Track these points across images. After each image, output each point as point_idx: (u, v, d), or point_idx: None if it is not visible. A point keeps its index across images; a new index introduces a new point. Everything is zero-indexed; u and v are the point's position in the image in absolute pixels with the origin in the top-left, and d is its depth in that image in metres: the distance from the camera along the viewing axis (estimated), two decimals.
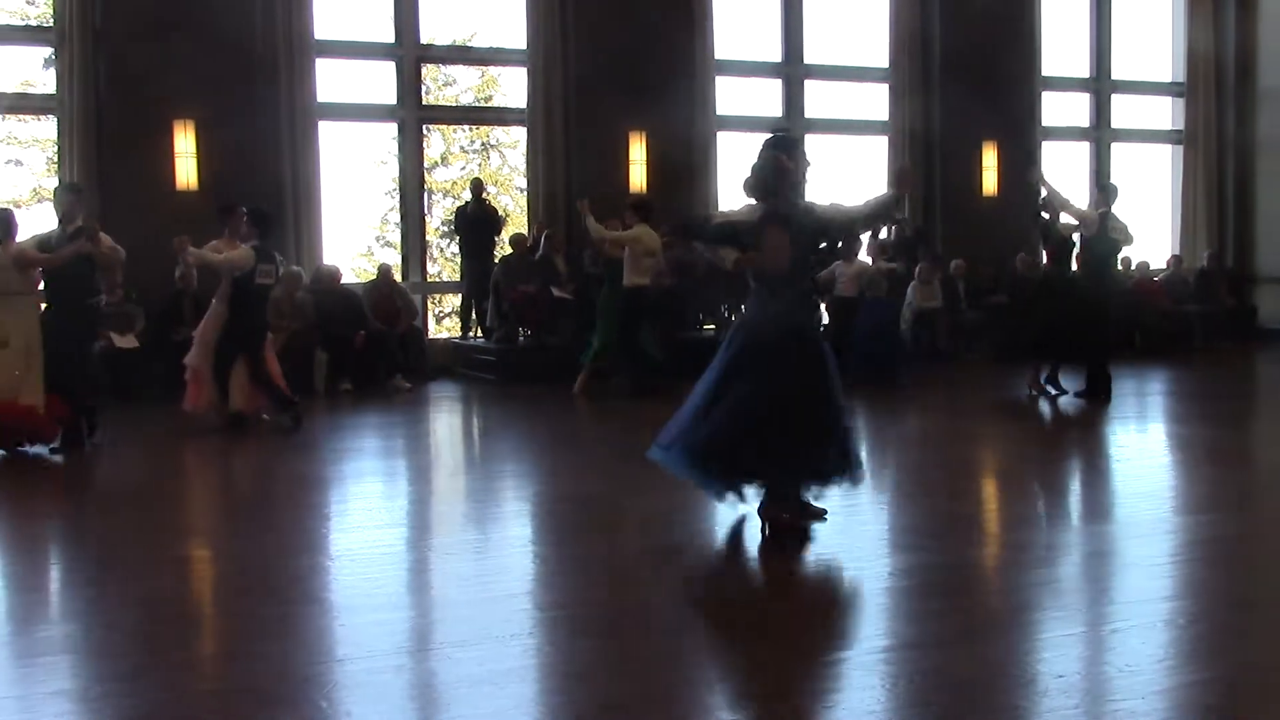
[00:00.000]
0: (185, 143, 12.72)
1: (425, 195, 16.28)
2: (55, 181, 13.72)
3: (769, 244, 5.69)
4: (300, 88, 13.13)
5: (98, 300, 9.49)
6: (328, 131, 13.74)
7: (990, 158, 16.04)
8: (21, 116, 19.22)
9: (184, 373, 9.68)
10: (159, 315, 12.01)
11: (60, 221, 8.94)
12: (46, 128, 18.15)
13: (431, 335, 15.27)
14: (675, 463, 5.83)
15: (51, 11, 13.25)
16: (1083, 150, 17.42)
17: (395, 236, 20.07)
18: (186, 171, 12.75)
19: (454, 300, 18.74)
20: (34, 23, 17.77)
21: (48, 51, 13.90)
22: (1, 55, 14.50)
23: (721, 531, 6.02)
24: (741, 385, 5.67)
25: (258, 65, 12.92)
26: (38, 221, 15.30)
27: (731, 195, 15.38)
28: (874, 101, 16.12)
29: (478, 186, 14.48)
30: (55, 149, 13.74)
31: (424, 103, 15.30)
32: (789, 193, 5.78)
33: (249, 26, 12.87)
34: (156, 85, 12.44)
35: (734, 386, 5.70)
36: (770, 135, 6.11)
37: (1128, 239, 10.79)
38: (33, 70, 18.10)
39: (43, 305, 8.92)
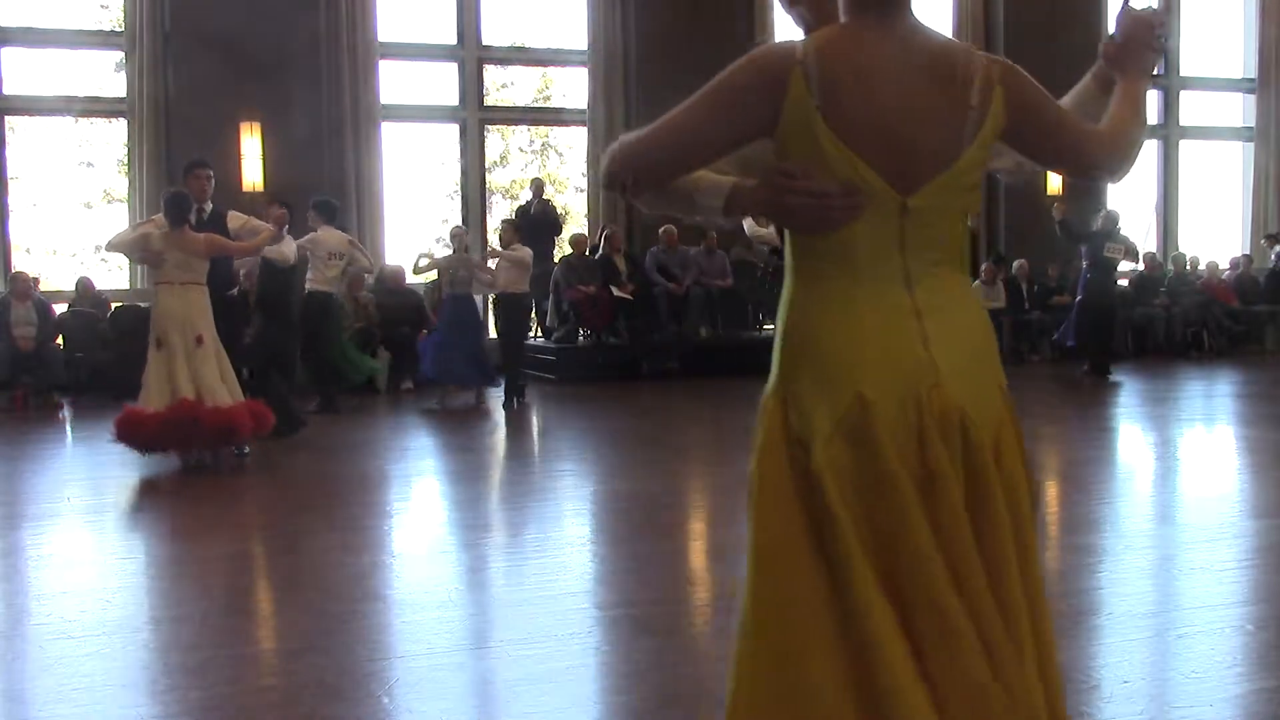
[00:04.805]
0: (251, 144, 12.92)
1: (485, 196, 16.37)
2: (125, 184, 13.98)
3: None
4: (364, 89, 13.27)
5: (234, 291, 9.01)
6: (390, 133, 13.86)
7: None
8: (93, 120, 19.57)
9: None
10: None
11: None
12: (117, 130, 18.47)
13: (492, 335, 15.33)
14: None
15: (123, 17, 13.51)
16: (1151, 148, 17.15)
17: None
18: (252, 172, 12.95)
19: None
20: (106, 28, 18.08)
21: (119, 56, 14.16)
22: (74, 60, 14.79)
23: None
24: None
25: (322, 67, 13.08)
26: (108, 222, 15.63)
27: None
28: None
29: (539, 186, 14.56)
30: (125, 151, 14.00)
31: (484, 103, 15.38)
32: None
33: (314, 29, 13.03)
34: (223, 88, 12.64)
35: None
36: None
37: None
38: (104, 74, 18.42)
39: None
